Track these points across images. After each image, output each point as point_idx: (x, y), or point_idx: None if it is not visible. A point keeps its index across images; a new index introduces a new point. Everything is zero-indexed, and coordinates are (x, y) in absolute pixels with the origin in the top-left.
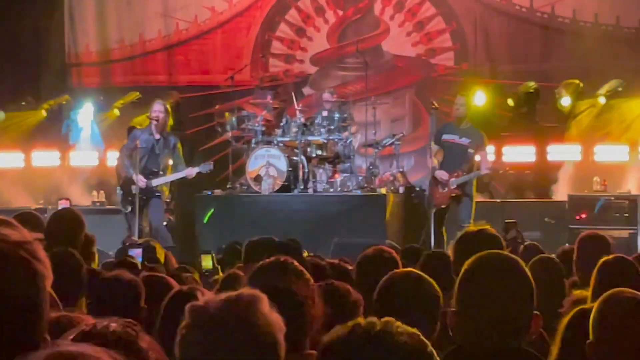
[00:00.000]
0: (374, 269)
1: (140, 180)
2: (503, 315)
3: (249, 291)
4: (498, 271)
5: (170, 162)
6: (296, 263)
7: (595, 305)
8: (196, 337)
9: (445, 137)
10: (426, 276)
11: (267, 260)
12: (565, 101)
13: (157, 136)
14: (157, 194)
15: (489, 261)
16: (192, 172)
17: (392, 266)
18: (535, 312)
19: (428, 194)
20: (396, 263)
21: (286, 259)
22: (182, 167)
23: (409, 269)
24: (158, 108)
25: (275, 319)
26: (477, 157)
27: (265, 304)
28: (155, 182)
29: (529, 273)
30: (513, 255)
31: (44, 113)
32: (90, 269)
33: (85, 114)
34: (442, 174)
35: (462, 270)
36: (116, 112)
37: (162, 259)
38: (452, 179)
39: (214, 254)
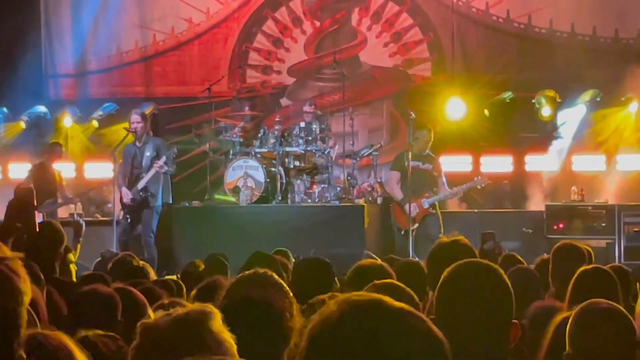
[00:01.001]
0: (367, 279)
1: (125, 197)
2: (483, 323)
3: (199, 308)
4: (478, 279)
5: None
6: (275, 276)
7: (572, 316)
8: (146, 357)
9: (410, 164)
10: (405, 287)
11: (246, 272)
12: (546, 111)
13: (139, 144)
14: (149, 204)
15: (469, 269)
16: (160, 163)
17: (386, 277)
18: (514, 320)
19: (393, 218)
20: (389, 274)
21: (265, 271)
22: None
23: (389, 280)
24: (135, 119)
25: (225, 337)
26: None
27: (215, 322)
28: (140, 185)
29: (508, 282)
30: (492, 264)
31: (22, 125)
32: (67, 282)
33: None
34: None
35: (442, 277)
36: (94, 123)
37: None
38: (424, 200)
39: (178, 275)
